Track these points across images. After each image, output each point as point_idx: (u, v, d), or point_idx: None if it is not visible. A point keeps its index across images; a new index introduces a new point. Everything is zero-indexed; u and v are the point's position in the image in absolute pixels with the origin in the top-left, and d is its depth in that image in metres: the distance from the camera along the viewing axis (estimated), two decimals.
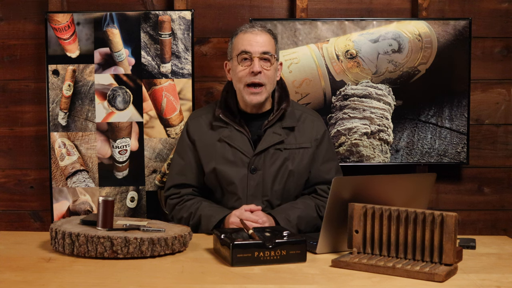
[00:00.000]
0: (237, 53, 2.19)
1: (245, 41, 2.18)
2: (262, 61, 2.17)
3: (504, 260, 1.84)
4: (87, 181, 2.75)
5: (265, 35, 2.20)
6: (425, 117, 2.81)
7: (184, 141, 2.31)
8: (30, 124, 2.90)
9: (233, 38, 2.25)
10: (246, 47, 2.17)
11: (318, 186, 2.27)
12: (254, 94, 2.17)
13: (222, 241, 1.79)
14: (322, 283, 1.59)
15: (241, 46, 2.19)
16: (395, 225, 1.73)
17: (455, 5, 2.91)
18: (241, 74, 2.18)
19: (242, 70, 2.18)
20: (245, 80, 2.17)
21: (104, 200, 1.87)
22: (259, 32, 2.20)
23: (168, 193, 2.31)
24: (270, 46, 2.20)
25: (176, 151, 2.35)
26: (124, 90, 2.74)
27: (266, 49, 2.18)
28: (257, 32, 2.20)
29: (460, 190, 2.97)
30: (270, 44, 2.21)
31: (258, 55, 2.16)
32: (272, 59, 2.19)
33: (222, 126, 2.24)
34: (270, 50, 2.19)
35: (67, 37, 2.72)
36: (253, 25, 2.24)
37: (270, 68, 2.18)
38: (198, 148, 2.26)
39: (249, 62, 2.17)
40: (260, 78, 2.16)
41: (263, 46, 2.18)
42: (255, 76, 2.16)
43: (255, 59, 2.16)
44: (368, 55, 2.78)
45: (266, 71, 2.17)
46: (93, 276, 1.63)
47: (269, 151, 2.20)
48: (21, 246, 1.94)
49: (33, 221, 2.93)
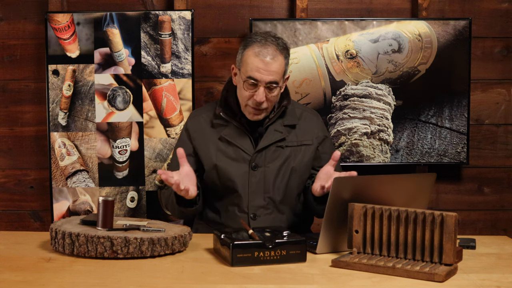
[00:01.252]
0: (244, 77, 2.13)
1: (254, 66, 2.11)
2: (267, 90, 2.13)
3: (504, 260, 1.84)
4: (87, 181, 2.75)
5: (276, 62, 2.12)
6: (425, 117, 2.81)
7: (184, 139, 2.30)
8: (30, 124, 2.90)
9: (244, 48, 2.17)
10: (254, 74, 2.11)
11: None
12: (255, 114, 2.17)
13: (222, 241, 1.79)
14: (322, 283, 1.59)
15: (249, 70, 2.12)
16: (395, 225, 1.73)
17: (455, 5, 2.91)
18: (245, 95, 2.15)
19: (246, 93, 2.14)
20: (247, 102, 2.16)
21: (104, 200, 1.87)
22: (271, 57, 2.11)
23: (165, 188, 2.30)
24: (278, 74, 2.13)
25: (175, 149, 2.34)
26: (124, 90, 2.74)
27: (273, 78, 2.12)
28: (269, 57, 2.11)
29: (460, 190, 2.97)
30: (280, 70, 2.14)
31: (264, 84, 2.12)
32: (279, 85, 2.15)
33: (222, 124, 2.24)
34: (277, 78, 2.13)
35: (67, 37, 2.72)
36: (267, 42, 2.13)
37: (275, 94, 2.15)
38: (198, 146, 2.26)
39: (255, 88, 2.13)
40: (262, 105, 2.14)
41: (272, 74, 2.11)
42: (257, 103, 2.13)
43: (260, 88, 2.12)
44: (368, 55, 2.78)
45: (271, 97, 2.15)
46: (93, 276, 1.63)
47: (270, 149, 2.21)
48: (21, 246, 1.94)
49: (33, 221, 2.93)
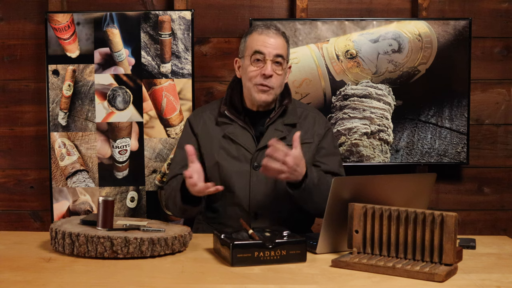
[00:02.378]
0: (251, 52, 2.18)
1: (259, 41, 2.17)
2: (274, 64, 2.16)
3: (504, 260, 1.84)
4: (87, 181, 2.75)
5: (279, 38, 2.19)
6: (425, 117, 2.81)
7: (188, 135, 2.31)
8: (30, 124, 2.90)
9: (246, 36, 2.24)
10: (260, 47, 2.16)
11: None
12: (263, 92, 2.17)
13: (222, 241, 1.79)
14: (322, 283, 1.59)
15: (255, 46, 2.17)
16: (395, 225, 1.73)
17: (455, 5, 2.91)
18: (252, 74, 2.17)
19: (253, 71, 2.17)
20: (255, 80, 2.17)
21: (104, 200, 1.87)
22: (274, 34, 2.18)
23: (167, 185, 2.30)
24: (283, 49, 2.19)
25: (178, 146, 2.34)
26: (124, 90, 2.74)
27: (280, 51, 2.17)
28: (272, 34, 2.18)
29: (460, 190, 2.97)
30: (284, 47, 2.20)
31: (272, 57, 2.15)
32: (284, 63, 2.19)
33: (227, 122, 2.25)
34: (283, 53, 2.18)
35: (67, 37, 2.72)
36: (269, 26, 2.22)
37: (281, 73, 2.18)
38: (201, 143, 2.27)
39: (262, 63, 2.16)
40: (270, 82, 2.16)
41: (277, 48, 2.17)
42: (266, 79, 2.15)
43: (268, 61, 2.15)
44: (368, 55, 2.78)
45: (277, 75, 2.17)
46: (93, 276, 1.63)
47: None
48: (21, 246, 1.94)
49: (33, 221, 2.93)
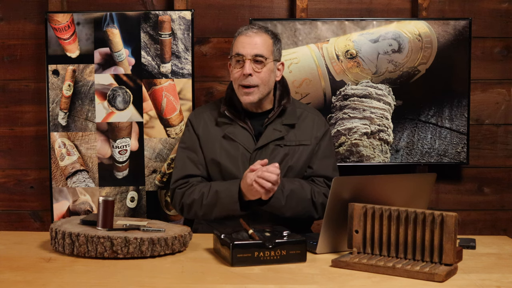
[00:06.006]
0: (232, 55, 2.25)
1: (239, 43, 2.23)
2: (254, 64, 2.20)
3: (504, 260, 1.84)
4: (87, 181, 2.75)
5: (260, 37, 2.22)
6: (425, 117, 2.81)
7: (191, 135, 2.32)
8: (30, 124, 2.90)
9: (234, 39, 2.28)
10: (239, 49, 2.22)
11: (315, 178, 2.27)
12: (246, 94, 2.22)
13: (222, 241, 1.79)
14: (322, 283, 1.59)
15: (235, 48, 2.24)
16: (395, 225, 1.73)
17: (455, 5, 2.91)
18: (235, 75, 2.24)
19: (236, 72, 2.24)
20: (238, 81, 2.23)
21: (104, 200, 1.87)
22: (254, 34, 2.22)
23: (176, 184, 2.29)
24: (264, 48, 2.22)
25: (182, 146, 2.34)
26: (124, 90, 2.74)
27: (258, 51, 2.20)
28: (252, 34, 2.22)
29: (460, 190, 2.97)
30: (265, 45, 2.22)
31: (250, 57, 2.20)
32: (265, 61, 2.21)
33: (227, 122, 2.27)
34: (263, 52, 2.21)
35: (67, 37, 2.72)
36: (251, 26, 2.27)
37: (261, 70, 2.21)
38: (202, 143, 2.29)
39: (242, 64, 2.21)
40: (251, 80, 2.20)
41: (255, 48, 2.21)
42: (245, 78, 2.20)
43: (247, 61, 2.20)
44: (368, 55, 2.78)
45: (258, 73, 2.20)
46: (93, 276, 1.63)
47: (269, 147, 2.23)
48: (21, 246, 1.94)
49: (33, 221, 2.93)
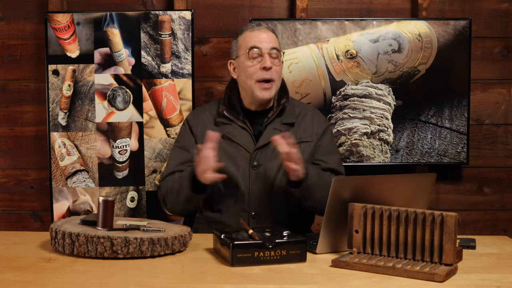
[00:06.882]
0: (246, 49, 2.20)
1: (253, 37, 2.21)
2: (271, 58, 2.20)
3: (504, 260, 1.84)
4: (87, 181, 2.75)
5: (271, 33, 2.25)
6: (425, 117, 2.81)
7: (186, 135, 2.31)
8: (30, 124, 2.90)
9: (238, 37, 2.27)
10: (255, 43, 2.20)
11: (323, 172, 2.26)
12: (265, 90, 2.20)
13: (222, 241, 1.78)
14: (322, 283, 1.59)
15: (249, 42, 2.21)
16: (395, 225, 1.73)
17: (455, 5, 2.91)
18: (252, 70, 2.19)
19: (252, 66, 2.19)
20: (256, 76, 2.19)
21: (104, 200, 1.87)
22: (265, 30, 2.24)
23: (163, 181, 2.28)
24: (277, 43, 2.25)
25: (177, 145, 2.33)
26: (124, 90, 2.74)
27: (274, 45, 2.22)
28: (264, 29, 2.24)
29: (460, 190, 2.97)
30: (276, 41, 2.25)
31: (268, 51, 2.19)
32: (279, 56, 2.23)
33: (226, 122, 2.26)
34: (277, 46, 2.23)
35: (67, 37, 2.72)
36: (259, 23, 2.29)
37: (279, 64, 2.22)
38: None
39: (259, 58, 2.19)
40: (271, 74, 2.19)
41: (271, 42, 2.22)
42: (267, 72, 2.18)
43: (266, 55, 2.18)
44: (368, 55, 2.78)
45: (276, 67, 2.21)
46: (93, 276, 1.63)
47: (269, 147, 2.21)
48: (21, 246, 1.94)
49: (33, 221, 2.93)
